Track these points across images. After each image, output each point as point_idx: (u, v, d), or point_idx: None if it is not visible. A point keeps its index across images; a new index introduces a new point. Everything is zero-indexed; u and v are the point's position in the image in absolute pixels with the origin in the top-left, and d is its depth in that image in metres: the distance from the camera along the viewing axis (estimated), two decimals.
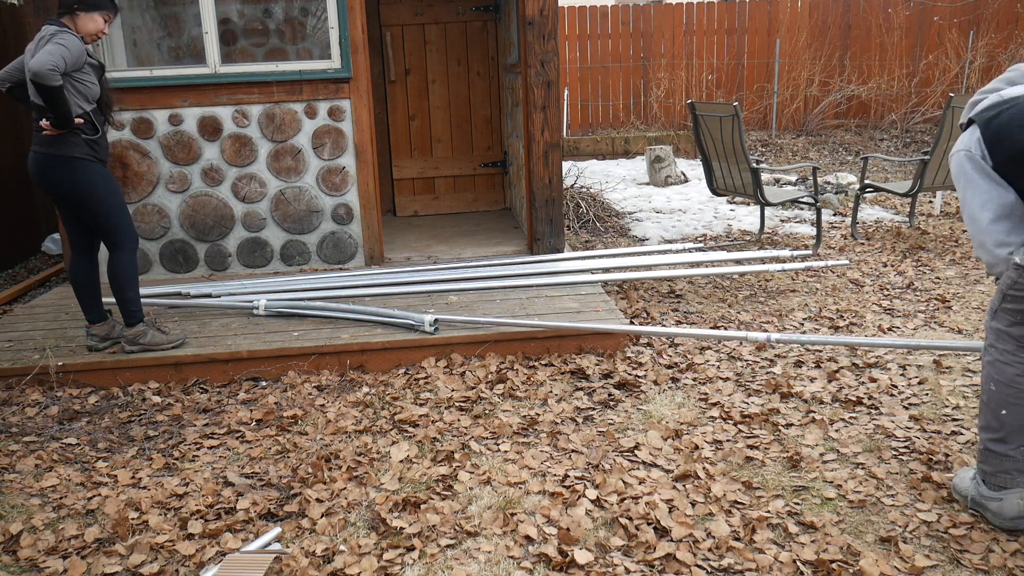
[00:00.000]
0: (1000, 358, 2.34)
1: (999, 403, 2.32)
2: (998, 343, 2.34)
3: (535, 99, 5.00)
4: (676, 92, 11.43)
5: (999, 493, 2.34)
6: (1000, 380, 2.33)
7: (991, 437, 2.35)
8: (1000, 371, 2.33)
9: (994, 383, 2.34)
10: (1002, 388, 2.32)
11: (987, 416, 2.36)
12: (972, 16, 11.10)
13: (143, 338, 3.70)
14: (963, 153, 2.30)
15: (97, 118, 3.54)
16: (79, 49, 3.36)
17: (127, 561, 2.35)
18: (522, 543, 2.37)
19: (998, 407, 2.33)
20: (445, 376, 3.62)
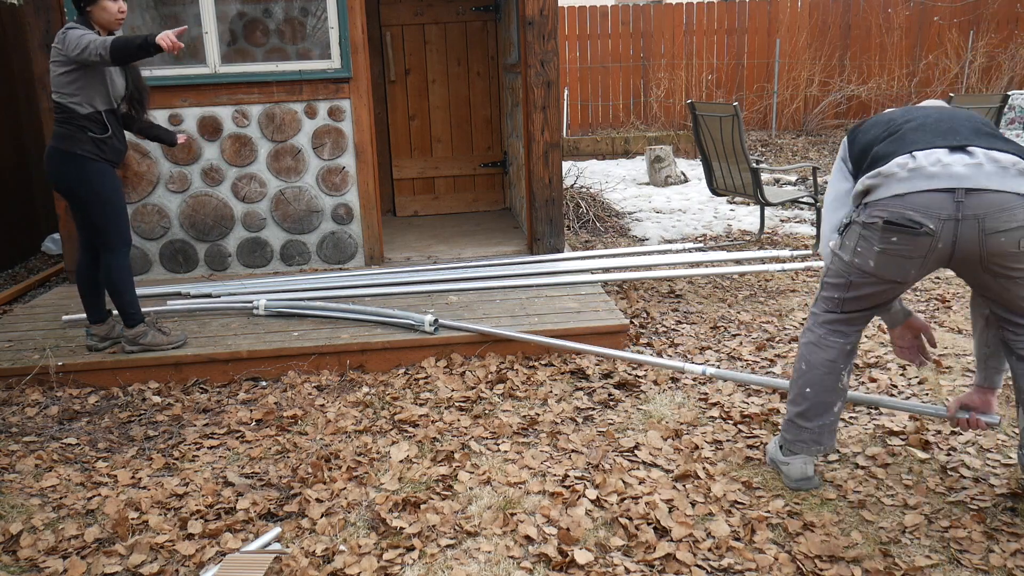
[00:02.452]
0: (813, 341, 2.52)
1: (806, 382, 2.52)
2: (814, 327, 2.52)
3: (535, 99, 5.00)
4: (676, 92, 11.44)
5: (788, 458, 2.62)
6: (811, 361, 2.51)
7: (795, 411, 2.56)
8: (812, 353, 2.51)
9: (805, 363, 2.53)
10: (812, 369, 2.51)
11: (794, 392, 2.57)
12: (972, 16, 11.10)
13: (144, 339, 3.70)
14: (838, 155, 2.54)
15: (110, 119, 3.53)
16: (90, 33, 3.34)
17: (127, 561, 2.35)
18: (522, 543, 2.37)
19: (804, 385, 2.53)
20: (445, 376, 3.62)
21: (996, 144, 2.20)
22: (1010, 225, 2.11)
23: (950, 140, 2.20)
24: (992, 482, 2.62)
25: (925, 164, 2.16)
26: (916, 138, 2.24)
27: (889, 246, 2.23)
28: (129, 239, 3.67)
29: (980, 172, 2.12)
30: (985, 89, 10.68)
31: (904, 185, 2.17)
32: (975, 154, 2.16)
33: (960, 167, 2.13)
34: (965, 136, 2.21)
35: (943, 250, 2.19)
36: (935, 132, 2.24)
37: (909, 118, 2.34)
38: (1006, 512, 2.45)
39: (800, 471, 2.60)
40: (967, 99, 5.60)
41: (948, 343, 3.86)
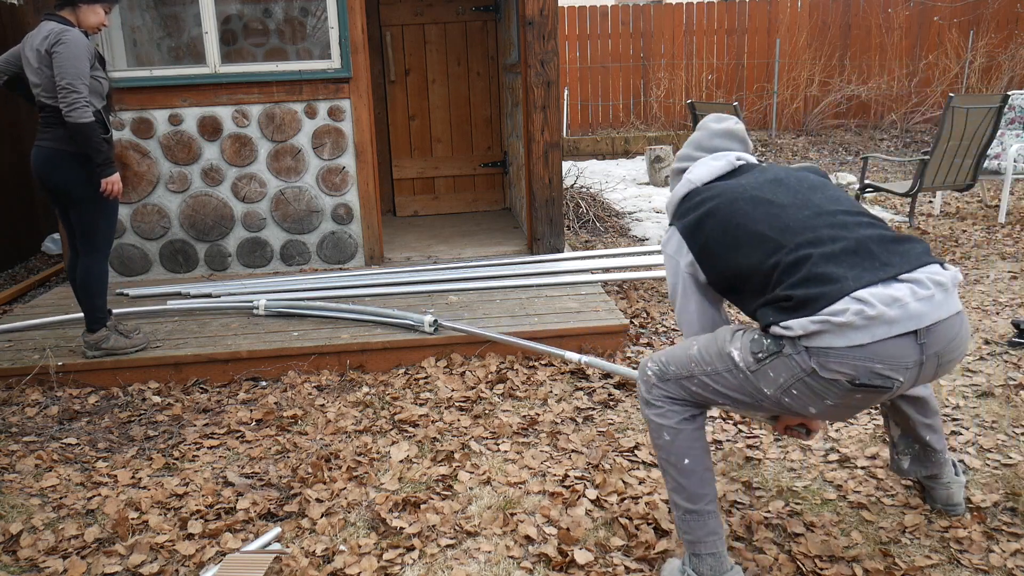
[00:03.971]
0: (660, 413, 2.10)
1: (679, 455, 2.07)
2: (654, 400, 2.12)
3: (535, 99, 5.00)
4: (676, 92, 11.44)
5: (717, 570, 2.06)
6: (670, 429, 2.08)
7: (681, 498, 2.09)
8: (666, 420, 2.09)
9: (666, 434, 2.09)
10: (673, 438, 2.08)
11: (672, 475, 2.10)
12: (972, 16, 11.10)
13: (106, 343, 3.69)
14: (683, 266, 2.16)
15: (106, 116, 3.54)
16: (86, 48, 3.38)
17: (127, 561, 2.35)
18: (522, 543, 2.37)
19: (680, 458, 2.07)
20: (445, 376, 3.62)
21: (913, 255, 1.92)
22: (960, 350, 1.93)
23: (877, 269, 1.88)
24: (992, 482, 2.62)
25: (883, 309, 1.80)
26: (836, 272, 1.86)
27: (850, 400, 1.90)
28: (112, 243, 3.70)
29: (932, 303, 1.85)
30: (985, 89, 10.68)
31: (863, 334, 1.81)
32: (919, 280, 1.86)
33: (915, 303, 1.83)
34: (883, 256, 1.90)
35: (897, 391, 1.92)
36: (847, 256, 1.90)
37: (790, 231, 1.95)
38: (1006, 512, 2.45)
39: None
40: (967, 99, 5.59)
41: None
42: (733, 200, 2.06)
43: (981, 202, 7.36)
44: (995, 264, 5.25)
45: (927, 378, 1.93)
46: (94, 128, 3.38)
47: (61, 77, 3.30)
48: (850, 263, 1.89)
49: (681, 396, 2.08)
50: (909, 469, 2.49)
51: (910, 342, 1.83)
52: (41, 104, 3.45)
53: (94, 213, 3.55)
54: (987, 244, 5.77)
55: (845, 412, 1.97)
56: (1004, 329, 4.02)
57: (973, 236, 6.03)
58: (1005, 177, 6.45)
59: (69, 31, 3.36)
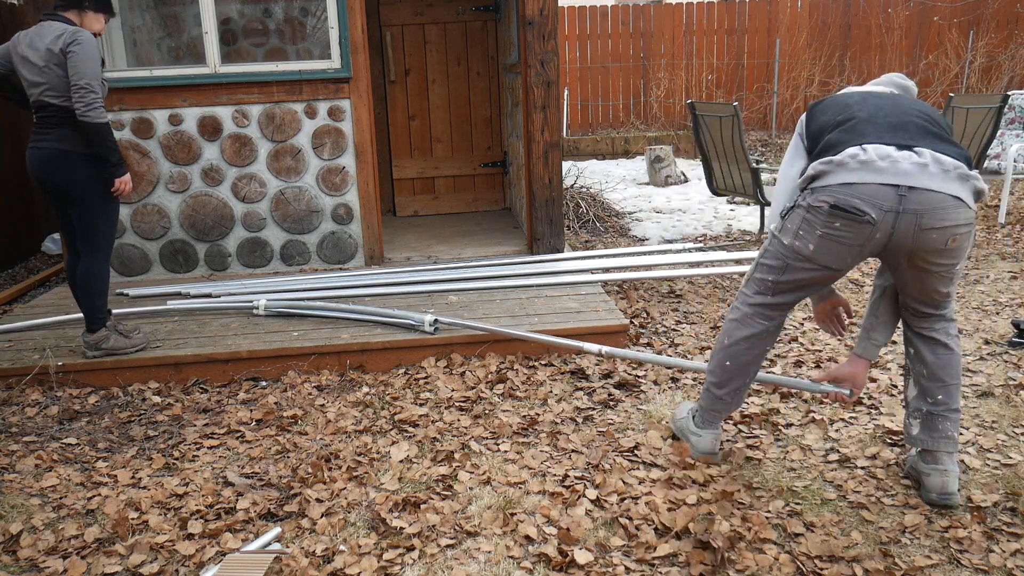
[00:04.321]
0: (738, 319, 2.61)
1: (726, 356, 2.64)
2: (741, 306, 2.61)
3: (535, 99, 5.00)
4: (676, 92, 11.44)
5: (701, 430, 2.76)
6: (734, 337, 2.61)
7: (712, 380, 2.69)
8: (736, 330, 2.61)
9: (728, 338, 2.63)
10: (733, 344, 2.62)
11: (714, 362, 2.68)
12: (972, 16, 11.11)
13: (105, 343, 3.69)
14: (796, 129, 2.62)
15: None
16: (96, 48, 3.40)
17: (127, 561, 2.35)
18: (522, 543, 2.37)
19: (724, 359, 2.64)
20: (445, 376, 3.62)
21: (940, 146, 2.31)
22: (943, 223, 2.25)
23: (899, 137, 2.31)
24: (992, 482, 2.62)
25: (875, 158, 2.26)
26: (868, 130, 2.34)
27: (831, 231, 2.33)
28: (113, 244, 3.70)
29: (924, 172, 2.24)
30: (985, 89, 10.69)
31: (853, 175, 2.27)
32: (922, 154, 2.26)
33: (907, 164, 2.24)
34: (912, 135, 2.32)
35: (880, 240, 2.31)
36: (886, 127, 2.34)
37: (864, 107, 2.42)
38: (1006, 512, 2.45)
39: (709, 446, 2.76)
40: (967, 99, 5.60)
41: None
42: (846, 94, 2.55)
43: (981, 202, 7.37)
44: (995, 264, 5.25)
45: (905, 240, 2.27)
46: (110, 128, 3.42)
47: (79, 77, 3.30)
48: (882, 130, 2.32)
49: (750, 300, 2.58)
50: (918, 436, 2.53)
51: (891, 191, 2.24)
52: (42, 104, 3.44)
53: (95, 213, 3.55)
54: (987, 244, 5.77)
55: (836, 249, 2.35)
56: (1004, 329, 4.02)
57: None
58: (1005, 177, 6.45)
59: (83, 31, 3.37)
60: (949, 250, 2.31)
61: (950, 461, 2.48)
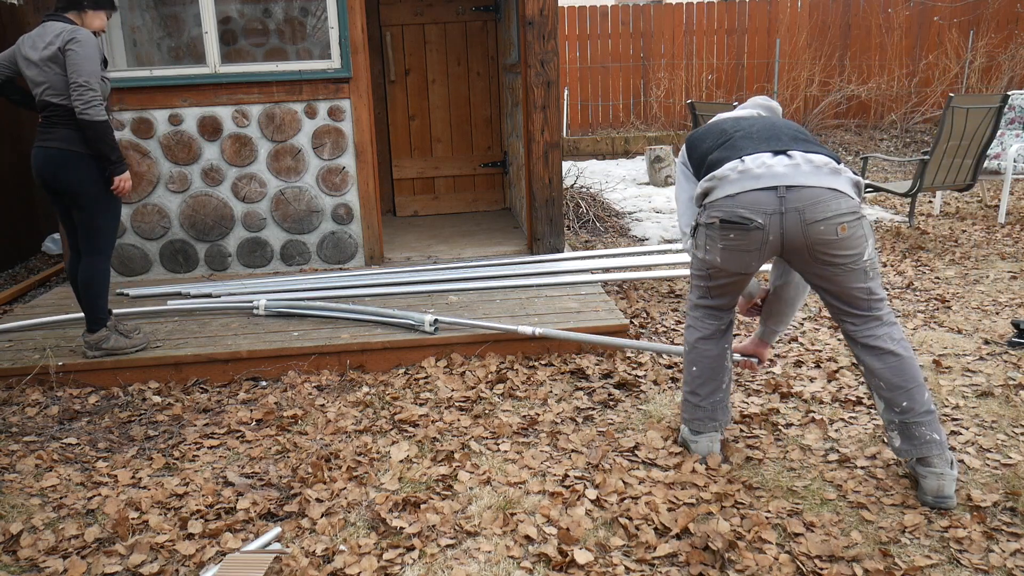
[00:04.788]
0: (691, 324, 2.79)
1: (691, 361, 2.79)
2: (691, 311, 2.80)
3: (535, 99, 5.00)
4: (676, 92, 11.44)
5: (695, 436, 2.83)
6: (691, 343, 2.78)
7: (687, 390, 2.82)
8: (691, 335, 2.78)
9: (688, 345, 2.80)
10: (693, 350, 2.78)
11: (685, 373, 2.84)
12: (972, 16, 11.10)
13: (106, 343, 3.69)
14: (678, 158, 2.82)
15: (109, 115, 3.55)
16: (97, 48, 3.40)
17: (127, 561, 2.35)
18: (522, 543, 2.37)
19: (690, 364, 2.80)
20: (445, 376, 3.62)
21: (811, 148, 2.50)
22: (826, 214, 2.39)
23: (773, 145, 2.50)
24: (992, 482, 2.62)
25: (752, 167, 2.44)
26: (744, 144, 2.53)
27: (729, 242, 2.51)
28: (114, 244, 3.71)
29: (798, 171, 2.40)
30: (985, 89, 10.68)
31: (735, 186, 2.45)
32: (793, 156, 2.45)
33: (781, 167, 2.41)
34: (785, 142, 2.51)
35: (774, 241, 2.46)
36: (760, 139, 2.53)
37: (738, 128, 2.63)
38: (1006, 512, 2.45)
39: (707, 448, 2.81)
40: (967, 99, 5.59)
41: (948, 343, 3.86)
42: (719, 120, 2.76)
43: (981, 202, 7.36)
44: (995, 264, 5.25)
45: (796, 237, 2.41)
46: (109, 126, 3.43)
47: (77, 75, 3.31)
48: (757, 141, 2.52)
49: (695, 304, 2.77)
50: (901, 448, 2.54)
51: (771, 194, 2.41)
52: (45, 103, 3.45)
53: (97, 213, 3.55)
54: (987, 244, 5.77)
55: (739, 257, 2.53)
56: (1004, 329, 4.02)
57: (973, 236, 6.03)
58: (1005, 177, 6.45)
59: (81, 30, 3.38)
60: (843, 239, 2.41)
61: (942, 463, 2.47)
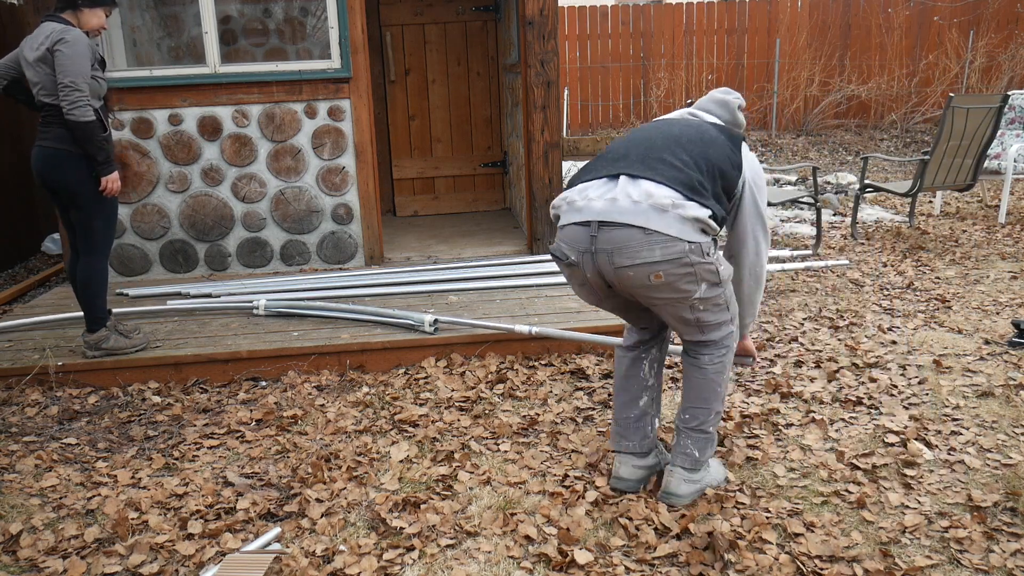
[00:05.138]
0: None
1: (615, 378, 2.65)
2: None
3: (535, 99, 5.00)
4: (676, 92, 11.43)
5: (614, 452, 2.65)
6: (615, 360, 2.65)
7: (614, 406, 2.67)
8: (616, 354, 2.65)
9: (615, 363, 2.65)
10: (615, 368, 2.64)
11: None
12: (972, 16, 11.10)
13: (105, 343, 3.69)
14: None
15: (104, 115, 3.55)
16: (88, 48, 3.39)
17: (127, 561, 2.35)
18: (522, 543, 2.37)
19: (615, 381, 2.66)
20: (445, 376, 3.62)
21: (656, 173, 2.21)
22: (634, 261, 2.16)
23: (616, 168, 2.26)
24: (992, 482, 2.62)
25: (577, 198, 2.25)
26: (593, 167, 2.32)
27: (567, 276, 2.38)
28: (112, 243, 3.70)
29: (614, 207, 2.16)
30: (985, 89, 10.69)
31: (564, 217, 2.29)
32: (619, 186, 2.21)
33: (600, 202, 2.19)
34: (632, 163, 2.25)
35: (594, 279, 2.29)
36: (613, 159, 2.30)
37: (617, 142, 2.40)
38: (1006, 512, 2.45)
39: (617, 471, 2.62)
40: (967, 99, 5.59)
41: (948, 343, 3.86)
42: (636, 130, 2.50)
43: (981, 202, 7.36)
44: (995, 264, 5.25)
45: (609, 275, 2.23)
46: (95, 127, 3.40)
47: (64, 75, 3.31)
48: (606, 163, 2.30)
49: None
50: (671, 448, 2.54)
51: (585, 231, 2.22)
52: (41, 104, 3.45)
53: (93, 213, 3.55)
54: (987, 244, 5.77)
55: (583, 291, 2.40)
56: (1004, 329, 4.02)
57: (973, 236, 6.03)
58: (1005, 177, 6.45)
59: (72, 30, 3.38)
60: (660, 285, 2.20)
61: (679, 470, 2.48)
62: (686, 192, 2.19)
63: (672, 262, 2.17)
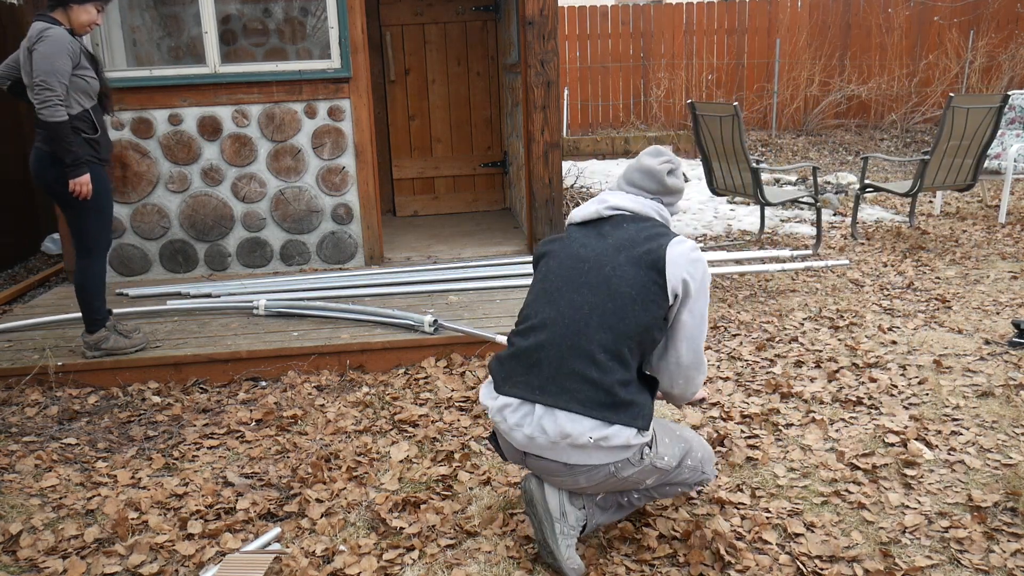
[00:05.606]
0: None
1: None
2: None
3: (535, 99, 5.00)
4: (676, 92, 11.44)
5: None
6: None
7: None
8: None
9: None
10: None
11: None
12: (972, 16, 11.10)
13: (105, 343, 3.68)
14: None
15: (97, 115, 3.53)
16: (67, 46, 3.33)
17: (127, 561, 2.35)
18: (522, 543, 2.37)
19: None
20: (445, 376, 3.62)
21: (571, 398, 2.07)
22: (563, 483, 2.18)
23: (528, 385, 2.13)
24: (992, 482, 2.62)
25: (499, 419, 2.18)
26: (511, 370, 2.18)
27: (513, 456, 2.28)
28: (110, 243, 3.68)
29: (533, 444, 2.11)
30: (985, 89, 10.68)
31: (495, 416, 2.20)
32: (534, 417, 2.10)
33: (518, 433, 2.13)
34: (542, 382, 2.11)
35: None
36: (528, 366, 2.15)
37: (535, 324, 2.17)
38: (1006, 512, 2.45)
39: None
40: (967, 99, 5.59)
41: (949, 343, 3.86)
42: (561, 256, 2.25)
43: (981, 202, 7.36)
44: (995, 264, 5.25)
45: (547, 477, 2.19)
46: (65, 128, 3.32)
47: (36, 74, 3.27)
48: (522, 368, 2.16)
49: None
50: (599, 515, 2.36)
51: (513, 449, 2.20)
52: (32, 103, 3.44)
53: (83, 215, 3.52)
54: (987, 244, 5.77)
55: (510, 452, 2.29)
56: (1004, 329, 4.02)
57: (973, 236, 6.03)
58: (1005, 177, 6.45)
59: (51, 29, 3.32)
60: (587, 487, 2.17)
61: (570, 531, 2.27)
62: (608, 416, 2.05)
63: (602, 482, 2.15)
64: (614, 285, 2.11)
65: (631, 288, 2.10)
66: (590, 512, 2.27)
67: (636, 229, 2.18)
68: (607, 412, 2.06)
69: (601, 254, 2.17)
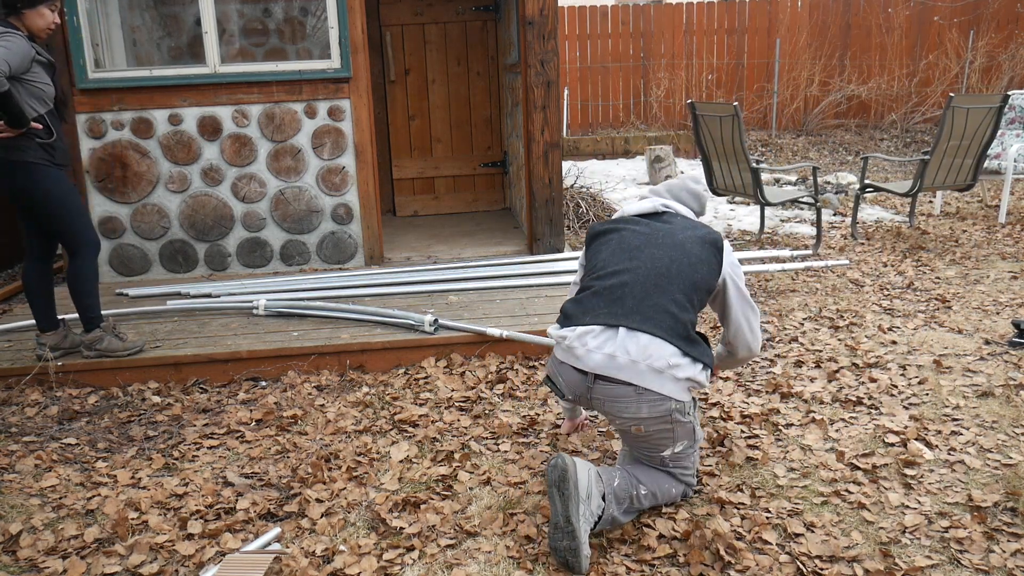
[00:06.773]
0: None
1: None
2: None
3: (535, 99, 5.00)
4: (676, 92, 11.44)
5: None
6: None
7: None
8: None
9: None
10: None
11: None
12: (972, 16, 11.10)
13: (100, 344, 3.68)
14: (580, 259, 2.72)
15: (53, 120, 3.47)
16: (25, 50, 3.28)
17: (127, 561, 2.35)
18: (522, 543, 2.37)
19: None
20: (445, 376, 3.62)
21: (654, 325, 2.32)
22: (623, 414, 2.34)
23: (609, 316, 2.36)
24: (992, 482, 2.62)
25: (576, 345, 2.36)
26: (592, 306, 2.41)
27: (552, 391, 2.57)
28: (95, 240, 3.63)
29: (612, 363, 2.29)
30: (985, 89, 10.69)
31: (562, 354, 2.42)
32: (617, 338, 2.32)
33: (599, 355, 2.31)
34: (626, 312, 2.35)
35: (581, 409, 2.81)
36: (611, 299, 2.39)
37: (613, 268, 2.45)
38: (1006, 512, 2.45)
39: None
40: (967, 99, 5.59)
41: (948, 343, 3.86)
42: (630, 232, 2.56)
43: (981, 202, 7.36)
44: (995, 264, 5.25)
45: (601, 410, 2.40)
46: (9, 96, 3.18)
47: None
48: (608, 301, 2.39)
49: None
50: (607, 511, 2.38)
51: (581, 379, 2.37)
52: None
53: (58, 217, 3.49)
54: (987, 244, 5.77)
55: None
56: (1004, 329, 4.02)
57: (973, 236, 6.03)
58: (1005, 177, 6.45)
59: (10, 33, 3.25)
60: (638, 436, 2.38)
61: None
62: (683, 346, 2.32)
63: (656, 419, 2.32)
64: (688, 248, 2.46)
65: (700, 254, 2.45)
66: (608, 502, 2.33)
67: (689, 224, 2.56)
68: (684, 343, 2.33)
69: (671, 229, 2.53)
